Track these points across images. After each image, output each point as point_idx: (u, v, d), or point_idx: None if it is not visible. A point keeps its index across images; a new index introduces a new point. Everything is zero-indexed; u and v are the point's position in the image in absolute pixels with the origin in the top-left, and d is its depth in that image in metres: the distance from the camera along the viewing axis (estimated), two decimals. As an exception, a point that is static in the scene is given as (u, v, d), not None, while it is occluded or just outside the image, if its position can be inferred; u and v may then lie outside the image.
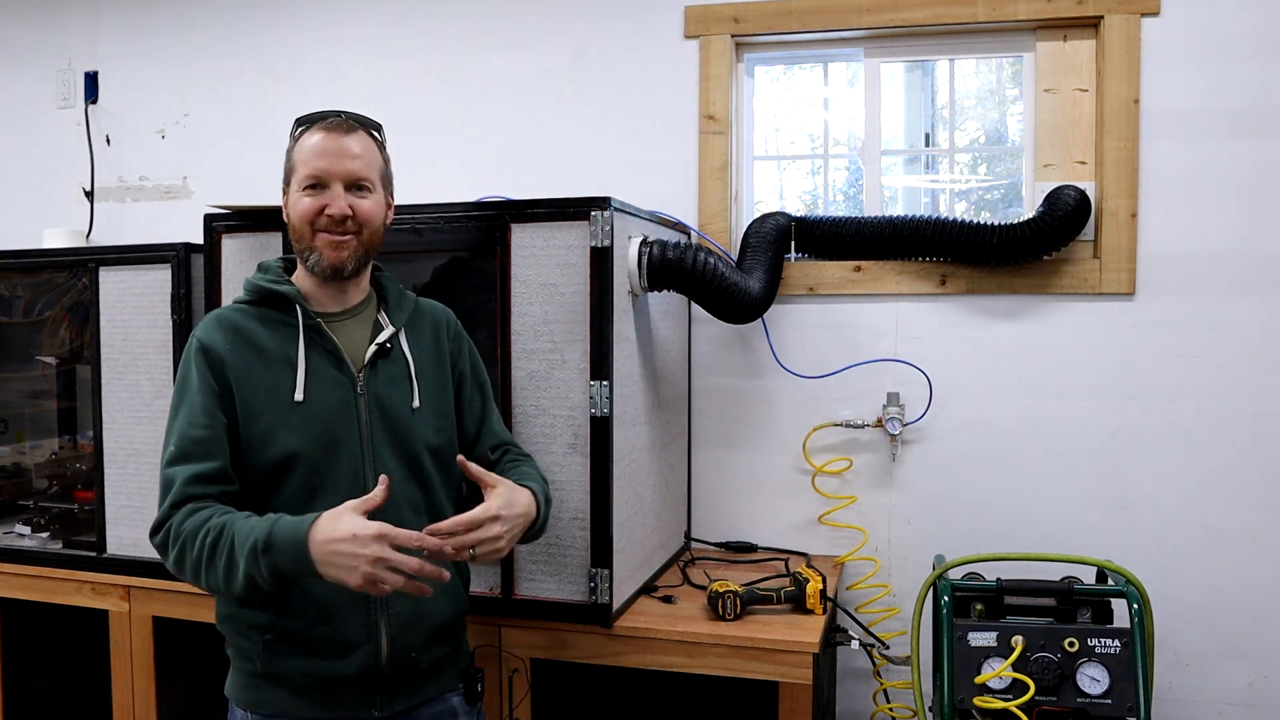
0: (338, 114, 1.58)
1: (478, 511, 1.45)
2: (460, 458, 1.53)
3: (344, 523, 1.35)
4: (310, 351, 1.54)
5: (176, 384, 1.54)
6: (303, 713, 1.53)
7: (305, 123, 1.59)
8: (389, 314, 1.64)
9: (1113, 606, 1.87)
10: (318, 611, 1.50)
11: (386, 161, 1.64)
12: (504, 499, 1.49)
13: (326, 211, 1.53)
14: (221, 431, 1.49)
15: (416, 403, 1.60)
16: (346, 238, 1.55)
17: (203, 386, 1.50)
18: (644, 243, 1.96)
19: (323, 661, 1.51)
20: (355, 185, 1.55)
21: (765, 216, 2.37)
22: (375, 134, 1.62)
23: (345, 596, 1.49)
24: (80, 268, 2.34)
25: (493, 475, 1.54)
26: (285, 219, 1.59)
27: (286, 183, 1.59)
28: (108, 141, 2.99)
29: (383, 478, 1.41)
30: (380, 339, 1.59)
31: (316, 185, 1.54)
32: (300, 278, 1.61)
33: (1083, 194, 2.21)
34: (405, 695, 1.57)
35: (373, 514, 1.43)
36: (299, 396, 1.51)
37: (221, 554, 1.39)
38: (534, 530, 1.61)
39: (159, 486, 1.50)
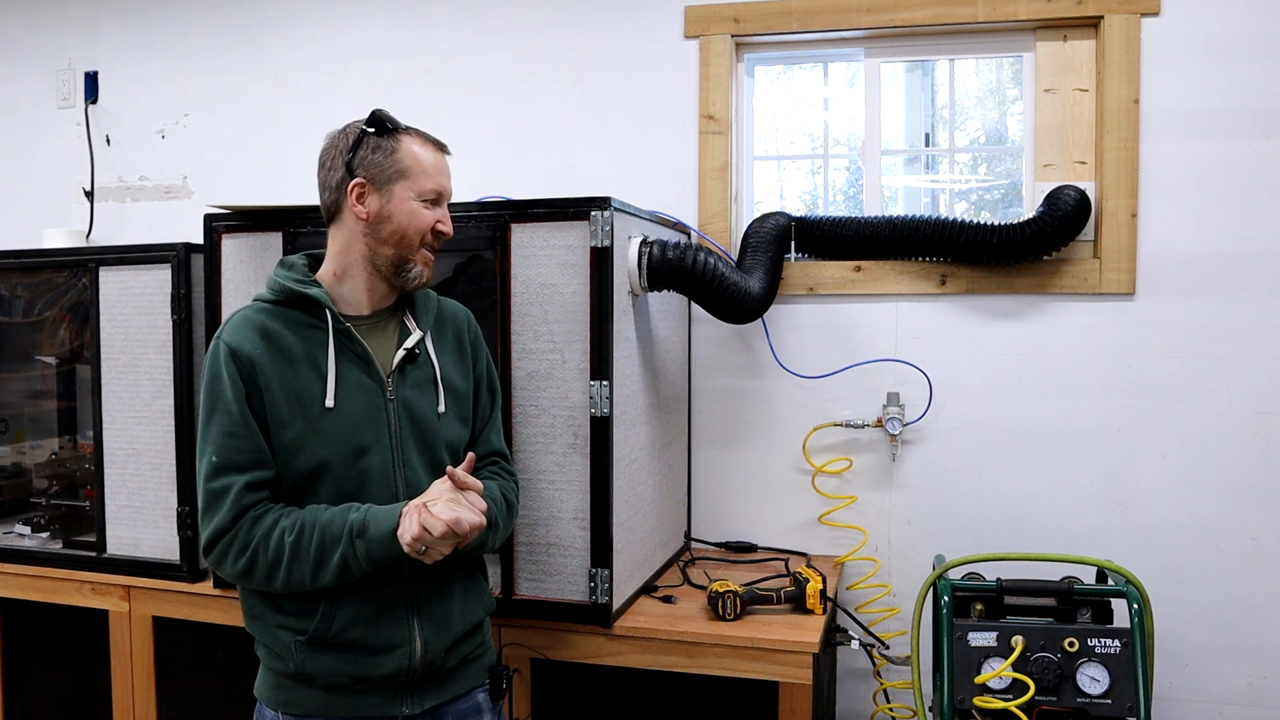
0: (416, 129, 1.59)
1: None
2: (449, 468, 1.49)
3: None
4: (340, 357, 1.53)
5: (205, 387, 1.52)
6: (334, 712, 1.53)
7: (392, 125, 1.54)
8: (415, 316, 1.63)
9: (1113, 606, 1.87)
10: (350, 616, 1.50)
11: None
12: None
13: (439, 227, 1.58)
14: (260, 436, 1.49)
15: (442, 408, 1.60)
16: (435, 255, 1.60)
17: (235, 392, 1.48)
18: (644, 243, 1.96)
19: (357, 663, 1.51)
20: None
21: (765, 216, 2.37)
22: None
23: (378, 601, 1.51)
24: (80, 268, 2.34)
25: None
26: (375, 217, 1.53)
27: (386, 182, 1.52)
28: (108, 141, 2.99)
29: (470, 455, 1.52)
30: (408, 344, 1.58)
31: (434, 201, 1.57)
32: (325, 276, 1.59)
33: (1083, 194, 2.21)
34: (434, 693, 1.58)
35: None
36: (330, 403, 1.50)
37: (308, 548, 1.43)
38: (476, 543, 1.54)
39: (201, 496, 1.48)
